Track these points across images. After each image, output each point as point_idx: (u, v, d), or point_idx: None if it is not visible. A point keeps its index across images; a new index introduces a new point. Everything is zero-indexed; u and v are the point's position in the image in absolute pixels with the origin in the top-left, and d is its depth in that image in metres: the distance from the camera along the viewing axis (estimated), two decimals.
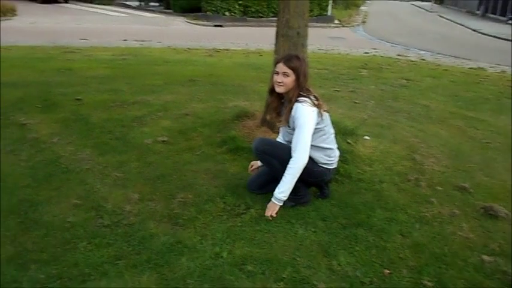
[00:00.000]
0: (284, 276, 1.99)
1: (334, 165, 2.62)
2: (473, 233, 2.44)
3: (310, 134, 2.36)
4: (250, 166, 2.86)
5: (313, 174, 2.53)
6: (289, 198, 2.59)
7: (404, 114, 4.75)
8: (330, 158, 2.56)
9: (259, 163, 2.80)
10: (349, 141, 3.35)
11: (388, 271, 2.07)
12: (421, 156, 3.48)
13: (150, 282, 1.93)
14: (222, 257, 2.12)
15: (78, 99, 4.58)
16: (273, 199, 2.42)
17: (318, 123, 2.41)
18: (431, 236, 2.38)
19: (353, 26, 16.53)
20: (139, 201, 2.61)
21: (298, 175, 2.37)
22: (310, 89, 2.50)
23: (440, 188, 2.96)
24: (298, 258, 2.13)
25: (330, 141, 2.55)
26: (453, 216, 2.61)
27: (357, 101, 5.11)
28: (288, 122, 2.45)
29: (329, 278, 2.01)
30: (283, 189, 2.39)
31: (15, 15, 15.54)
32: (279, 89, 2.45)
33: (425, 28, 15.66)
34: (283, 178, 2.39)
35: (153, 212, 2.50)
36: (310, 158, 2.49)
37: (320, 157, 2.52)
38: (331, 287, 1.94)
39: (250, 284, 1.94)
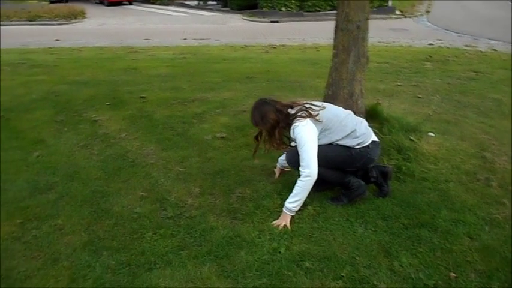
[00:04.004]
0: (343, 274, 1.97)
1: (371, 138, 2.51)
2: None
3: (312, 147, 2.34)
4: (276, 176, 2.88)
5: (356, 159, 2.48)
6: (343, 194, 2.57)
7: (474, 109, 4.44)
8: (358, 137, 2.45)
9: (278, 166, 2.85)
10: (412, 138, 3.21)
11: (454, 274, 1.97)
12: (492, 154, 3.25)
13: (211, 273, 2.00)
14: (279, 252, 2.14)
15: (142, 97, 4.83)
16: (284, 209, 2.39)
17: (321, 128, 2.40)
18: (503, 239, 2.23)
19: (416, 17, 15.69)
20: (200, 195, 2.71)
21: (309, 188, 2.34)
22: (291, 103, 2.51)
23: None
24: (357, 257, 2.09)
25: (346, 124, 2.46)
26: None
27: (420, 96, 4.87)
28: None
29: (390, 278, 1.95)
30: (293, 200, 2.35)
31: (85, 17, 16.68)
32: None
33: (497, 16, 14.48)
34: (294, 190, 2.36)
35: (213, 206, 2.58)
36: (345, 147, 2.45)
37: (350, 142, 2.45)
38: None
39: (309, 281, 1.94)
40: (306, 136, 2.35)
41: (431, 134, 3.43)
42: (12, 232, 2.35)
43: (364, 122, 2.60)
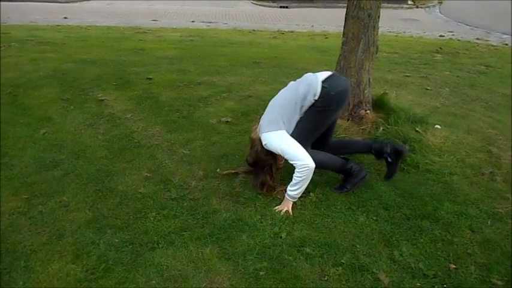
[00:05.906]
0: (343, 261, 1.99)
1: (319, 79, 2.41)
2: None
3: (289, 145, 2.33)
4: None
5: (327, 105, 2.39)
6: (345, 181, 2.58)
7: (482, 103, 4.40)
8: (309, 91, 2.36)
9: None
10: (417, 129, 3.19)
11: (454, 266, 1.98)
12: (498, 148, 3.23)
13: (213, 254, 2.03)
14: (281, 237, 2.16)
15: (149, 79, 4.82)
16: (286, 195, 2.40)
17: (281, 122, 2.39)
18: (504, 234, 2.23)
19: (428, 7, 15.44)
20: (203, 177, 2.73)
21: (309, 177, 2.32)
22: (250, 138, 2.55)
23: None
24: (357, 245, 2.11)
25: (291, 97, 2.42)
26: None
27: (428, 88, 4.83)
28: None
29: (390, 267, 1.97)
30: (294, 188, 2.35)
31: None
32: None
33: (510, 9, 14.23)
34: (293, 180, 2.35)
35: (216, 189, 2.60)
36: (311, 107, 2.38)
37: (308, 101, 2.37)
38: (392, 277, 1.91)
39: (308, 266, 1.96)
40: (275, 142, 2.36)
41: (438, 127, 3.41)
42: (18, 207, 2.38)
43: (303, 76, 2.54)
